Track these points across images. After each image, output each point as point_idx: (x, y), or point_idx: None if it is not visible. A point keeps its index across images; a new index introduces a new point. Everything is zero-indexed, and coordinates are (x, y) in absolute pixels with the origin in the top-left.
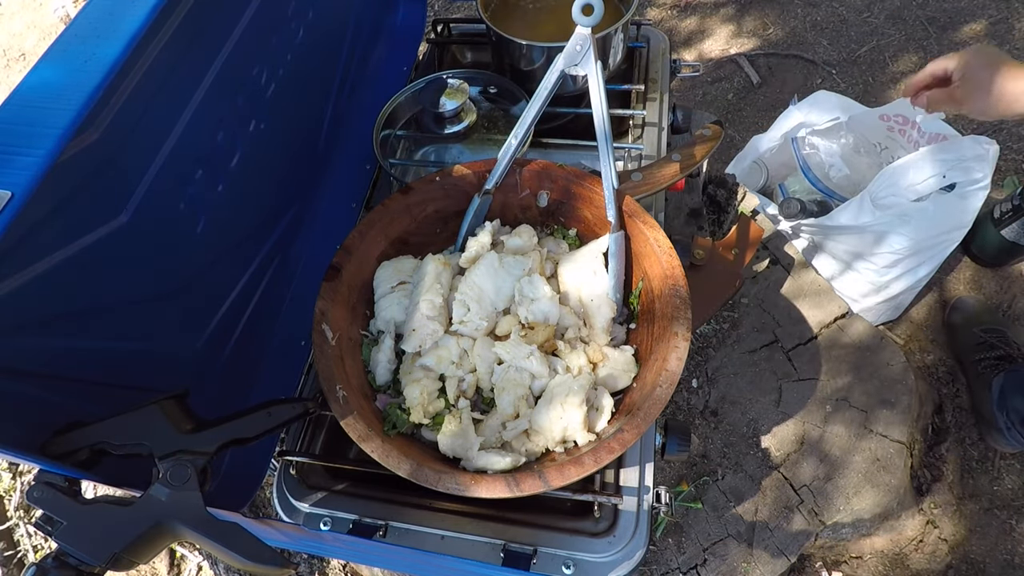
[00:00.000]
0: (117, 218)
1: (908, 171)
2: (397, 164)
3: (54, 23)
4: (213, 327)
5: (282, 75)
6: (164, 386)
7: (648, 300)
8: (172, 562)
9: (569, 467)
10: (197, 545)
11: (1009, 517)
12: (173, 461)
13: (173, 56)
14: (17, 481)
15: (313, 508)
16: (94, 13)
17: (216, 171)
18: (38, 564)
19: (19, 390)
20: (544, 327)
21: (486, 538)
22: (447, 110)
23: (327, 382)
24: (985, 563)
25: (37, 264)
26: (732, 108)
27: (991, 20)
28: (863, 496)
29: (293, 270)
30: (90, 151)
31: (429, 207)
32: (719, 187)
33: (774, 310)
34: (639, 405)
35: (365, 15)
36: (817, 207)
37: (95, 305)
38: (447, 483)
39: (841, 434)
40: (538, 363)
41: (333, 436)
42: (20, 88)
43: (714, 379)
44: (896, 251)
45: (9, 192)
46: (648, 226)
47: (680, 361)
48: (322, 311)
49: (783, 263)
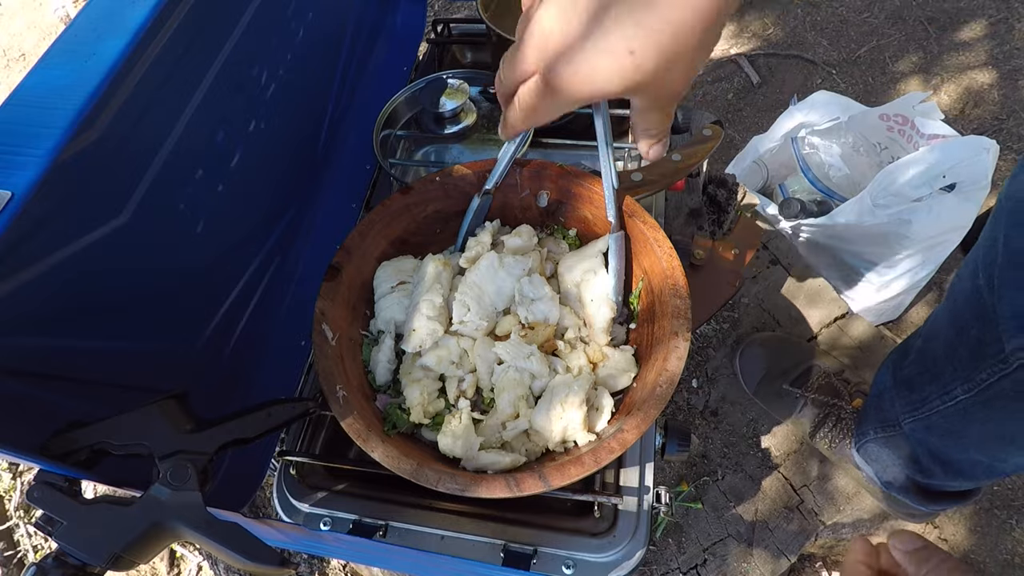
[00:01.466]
0: (117, 218)
1: (908, 171)
2: (397, 164)
3: (54, 23)
4: (213, 327)
5: (282, 75)
6: (164, 386)
7: (648, 300)
8: (172, 562)
9: (569, 467)
10: (197, 545)
11: (1009, 517)
12: (173, 461)
13: (173, 56)
14: (17, 481)
15: (313, 508)
16: (94, 13)
17: (216, 171)
18: (38, 564)
19: (19, 390)
20: (544, 327)
21: (486, 538)
22: (447, 110)
23: (327, 382)
24: (985, 563)
25: (37, 264)
26: (732, 108)
27: (991, 20)
28: (863, 496)
29: (293, 270)
30: (90, 151)
31: (429, 207)
32: (719, 187)
33: (774, 310)
34: (639, 405)
35: (365, 15)
36: (817, 207)
37: (95, 305)
38: (447, 483)
39: None
40: (538, 363)
41: (333, 436)
42: (20, 88)
43: (714, 379)
44: (896, 251)
45: (9, 192)
46: (648, 226)
47: (680, 361)
48: (322, 311)
49: (783, 263)
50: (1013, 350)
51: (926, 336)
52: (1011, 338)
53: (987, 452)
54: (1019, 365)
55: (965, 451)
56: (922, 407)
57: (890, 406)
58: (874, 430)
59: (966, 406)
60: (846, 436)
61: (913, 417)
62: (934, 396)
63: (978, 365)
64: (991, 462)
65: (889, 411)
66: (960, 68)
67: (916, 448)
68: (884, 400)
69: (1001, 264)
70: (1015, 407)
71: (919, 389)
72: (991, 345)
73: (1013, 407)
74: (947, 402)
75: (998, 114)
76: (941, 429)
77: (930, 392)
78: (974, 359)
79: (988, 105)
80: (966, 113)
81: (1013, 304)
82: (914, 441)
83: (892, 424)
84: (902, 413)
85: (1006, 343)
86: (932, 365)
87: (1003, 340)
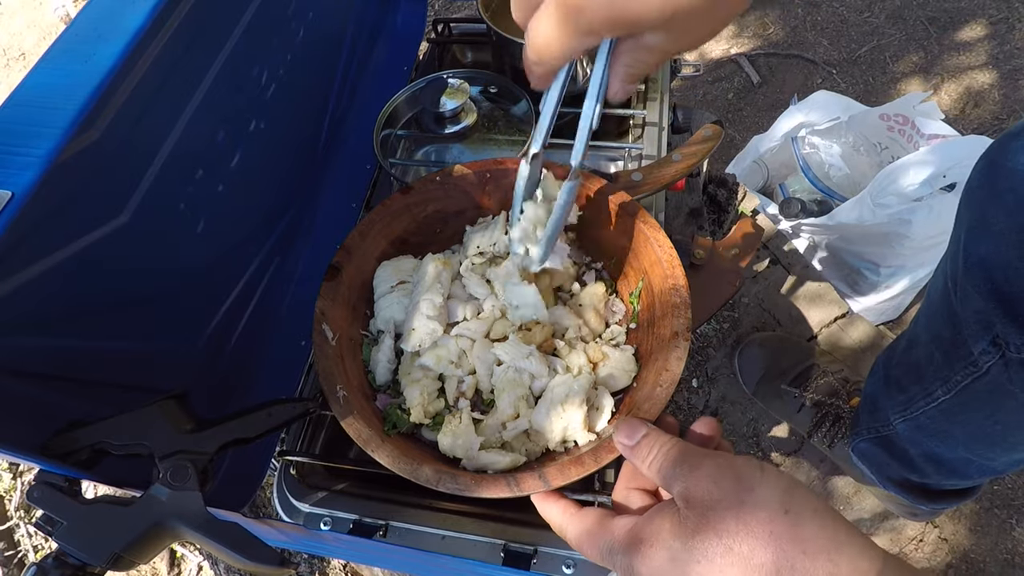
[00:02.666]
0: (117, 218)
1: (908, 171)
2: (397, 164)
3: (54, 22)
4: (213, 327)
5: (282, 75)
6: (164, 386)
7: (648, 300)
8: (172, 562)
9: (569, 467)
10: (197, 545)
11: (1009, 516)
12: (173, 461)
13: (173, 56)
14: (18, 481)
15: (313, 508)
16: (94, 13)
17: (216, 171)
18: (38, 564)
19: (19, 390)
20: (541, 327)
21: (486, 538)
22: (447, 110)
23: (327, 382)
24: (985, 562)
25: (37, 264)
26: (732, 108)
27: (991, 20)
28: (863, 495)
29: (293, 270)
30: (90, 151)
31: (429, 207)
32: (719, 187)
33: (774, 309)
34: (639, 405)
35: (365, 15)
36: (817, 207)
37: (95, 305)
38: (447, 483)
39: None
40: (537, 363)
41: (333, 436)
42: (20, 88)
43: (714, 379)
44: (896, 251)
45: (9, 192)
46: (648, 226)
47: (680, 361)
48: (322, 311)
49: (783, 263)
50: (980, 353)
51: (909, 337)
52: (976, 341)
53: (974, 451)
54: (988, 368)
55: (955, 450)
56: (910, 407)
57: (881, 406)
58: (868, 430)
59: (947, 407)
60: (845, 435)
61: (903, 417)
62: (919, 397)
63: (953, 367)
64: (981, 461)
65: (881, 411)
66: (960, 68)
67: (909, 448)
68: (876, 401)
69: (962, 271)
70: (989, 409)
71: (905, 389)
72: (960, 348)
73: (988, 409)
74: (930, 403)
75: (998, 114)
76: (929, 429)
77: (915, 393)
78: (948, 361)
79: (988, 105)
80: (966, 113)
81: (974, 308)
82: (907, 440)
83: (884, 424)
84: (893, 413)
85: (972, 346)
86: (915, 367)
87: (969, 343)
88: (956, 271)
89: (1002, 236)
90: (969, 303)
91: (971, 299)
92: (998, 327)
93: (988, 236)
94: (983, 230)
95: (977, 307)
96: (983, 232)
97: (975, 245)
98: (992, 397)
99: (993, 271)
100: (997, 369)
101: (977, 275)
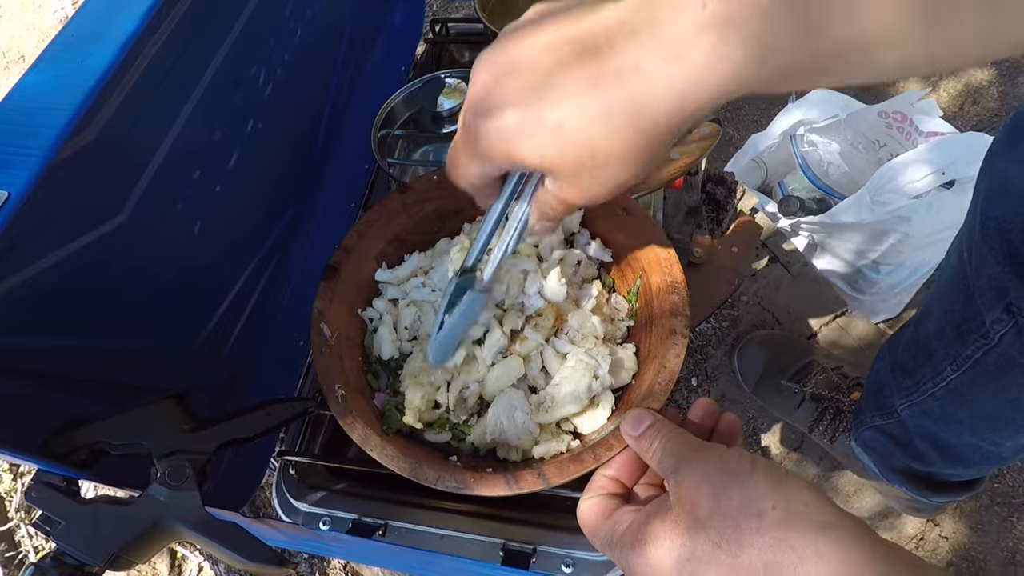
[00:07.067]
0: (115, 218)
1: (907, 168)
2: (395, 164)
3: (53, 25)
4: (212, 327)
5: (279, 75)
6: (163, 386)
7: (647, 298)
8: (173, 562)
9: (568, 465)
10: (197, 545)
11: (1010, 514)
12: (172, 461)
13: (170, 56)
14: (18, 482)
15: (313, 508)
16: (90, 14)
17: (214, 171)
18: (37, 564)
19: (18, 390)
20: (550, 308)
21: (485, 537)
22: (445, 109)
23: (326, 381)
24: (986, 560)
25: (34, 264)
26: (730, 106)
27: None
28: (863, 494)
29: (291, 270)
30: (87, 152)
31: (427, 206)
32: (718, 185)
33: (773, 308)
34: (638, 402)
35: (363, 15)
36: (816, 205)
37: (92, 305)
38: (446, 481)
39: None
40: (537, 367)
41: (333, 436)
42: (16, 89)
43: (714, 377)
44: (895, 248)
45: (6, 192)
46: (646, 224)
47: (679, 357)
48: (320, 310)
49: (782, 261)
50: (992, 322)
51: (917, 320)
52: (989, 310)
53: (980, 435)
54: (1000, 338)
55: (960, 435)
56: (916, 391)
57: (887, 393)
58: (871, 418)
59: (956, 386)
60: (845, 429)
61: (909, 401)
62: (927, 378)
63: (964, 342)
64: (987, 446)
65: (886, 398)
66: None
67: (913, 435)
68: (881, 387)
69: (979, 236)
70: (998, 386)
71: (913, 373)
72: (973, 320)
73: (996, 386)
74: (939, 384)
75: (997, 111)
76: (935, 413)
77: (923, 375)
78: (959, 336)
79: (987, 102)
80: (965, 110)
81: (990, 274)
82: (911, 427)
83: (889, 411)
84: (898, 398)
85: (985, 315)
86: (924, 347)
87: (982, 313)
88: (972, 239)
89: (1021, 198)
90: (984, 269)
91: (987, 264)
92: (1012, 292)
93: (1007, 198)
94: (1002, 193)
95: (992, 272)
96: (1002, 195)
97: (993, 209)
98: (1001, 372)
99: (1011, 233)
100: (1009, 339)
101: (994, 238)
